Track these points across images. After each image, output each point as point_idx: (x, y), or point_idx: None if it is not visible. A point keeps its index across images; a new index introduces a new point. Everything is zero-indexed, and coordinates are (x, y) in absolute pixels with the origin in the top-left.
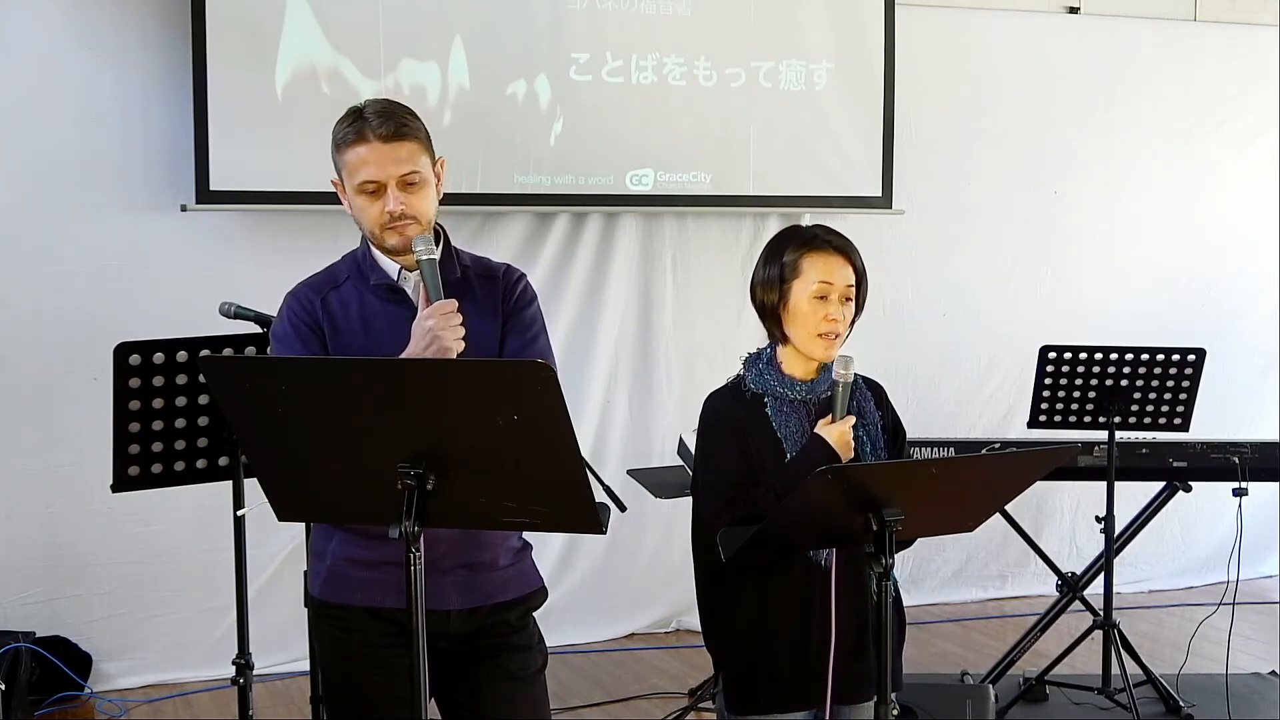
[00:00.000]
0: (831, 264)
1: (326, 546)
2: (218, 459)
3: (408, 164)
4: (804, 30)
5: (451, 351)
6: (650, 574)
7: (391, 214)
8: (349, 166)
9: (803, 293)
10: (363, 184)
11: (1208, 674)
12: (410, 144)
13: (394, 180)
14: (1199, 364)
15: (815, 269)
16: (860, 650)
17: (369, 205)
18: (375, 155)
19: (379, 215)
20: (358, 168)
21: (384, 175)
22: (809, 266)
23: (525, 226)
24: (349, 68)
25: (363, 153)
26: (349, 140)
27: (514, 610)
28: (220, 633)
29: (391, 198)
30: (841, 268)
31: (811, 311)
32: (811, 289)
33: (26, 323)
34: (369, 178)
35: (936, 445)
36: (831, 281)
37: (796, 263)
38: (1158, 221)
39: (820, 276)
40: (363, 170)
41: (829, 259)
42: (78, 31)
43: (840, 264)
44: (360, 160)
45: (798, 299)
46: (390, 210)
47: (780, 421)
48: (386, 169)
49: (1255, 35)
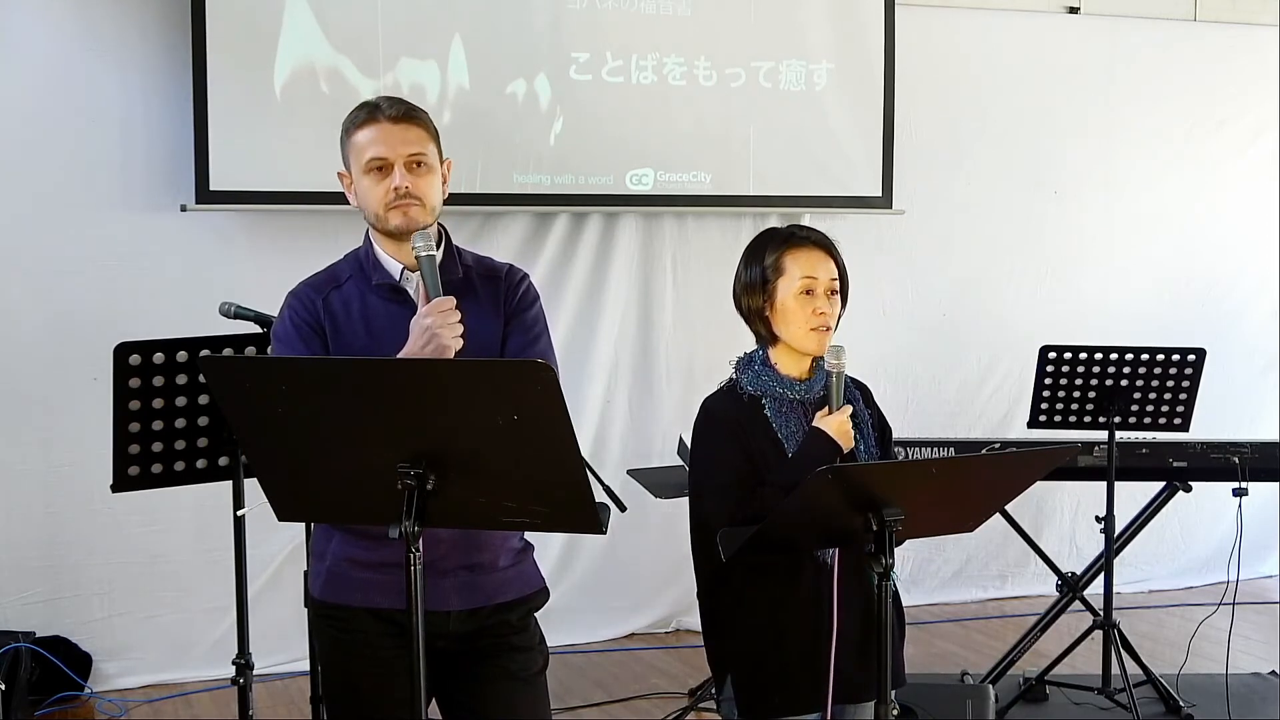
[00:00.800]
0: (814, 259)
1: (326, 547)
2: (218, 459)
3: (416, 145)
4: (804, 30)
5: (449, 349)
6: (650, 574)
7: (397, 190)
8: (357, 147)
9: (789, 289)
10: (371, 160)
11: (1208, 674)
12: (419, 129)
13: (401, 159)
14: (1199, 364)
15: (799, 265)
16: (866, 649)
17: (375, 185)
18: (384, 134)
19: (384, 194)
20: (366, 146)
21: (392, 153)
22: (792, 263)
23: (525, 226)
24: (348, 67)
25: (372, 132)
26: (359, 121)
27: (515, 611)
28: (220, 633)
29: (398, 174)
30: (824, 262)
31: (800, 307)
32: (797, 285)
33: (26, 323)
34: (377, 154)
35: (936, 445)
36: (816, 276)
37: (779, 261)
38: (1158, 221)
39: (804, 272)
40: (371, 148)
41: (811, 254)
42: (78, 31)
43: (822, 258)
44: (369, 139)
45: (784, 297)
46: (396, 186)
47: (780, 422)
48: (395, 147)
49: (1255, 35)
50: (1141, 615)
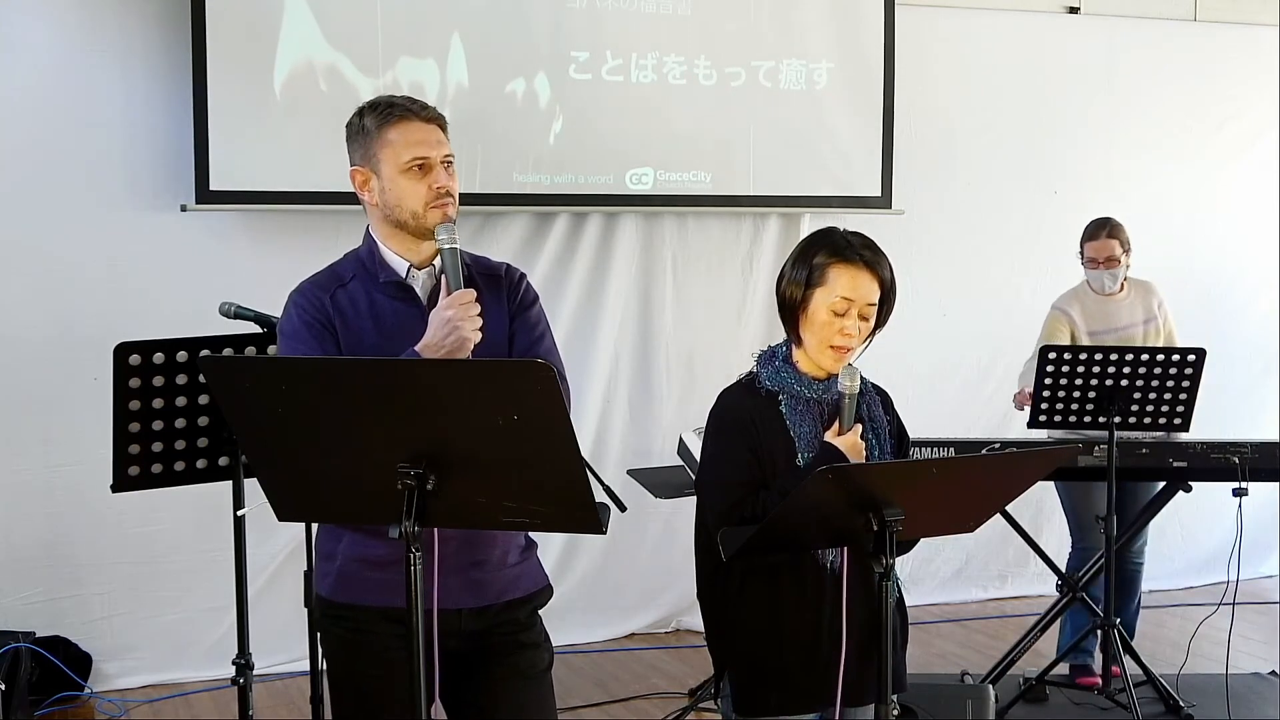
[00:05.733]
0: (858, 280)
1: (335, 547)
2: (218, 459)
3: (447, 146)
4: (804, 30)
5: (469, 342)
6: (650, 574)
7: (440, 190)
8: (393, 145)
9: (823, 302)
10: (412, 161)
11: (1208, 674)
12: (444, 129)
13: (439, 158)
14: (1199, 364)
15: (840, 283)
16: (869, 651)
17: (415, 183)
18: (424, 134)
19: (426, 192)
20: (406, 146)
21: (433, 152)
22: (835, 278)
23: (525, 226)
24: (347, 65)
25: (410, 130)
26: (393, 118)
27: (522, 608)
28: (220, 633)
29: (441, 174)
30: (867, 284)
31: (827, 324)
32: (832, 302)
33: (26, 323)
34: (421, 154)
35: (936, 445)
36: (853, 299)
37: (824, 271)
38: (1157, 221)
39: (843, 292)
40: (414, 147)
41: (856, 274)
42: (78, 32)
43: (867, 280)
44: (408, 138)
45: (817, 307)
46: (439, 186)
47: (794, 420)
48: (434, 147)
49: (1255, 35)
50: (1141, 615)
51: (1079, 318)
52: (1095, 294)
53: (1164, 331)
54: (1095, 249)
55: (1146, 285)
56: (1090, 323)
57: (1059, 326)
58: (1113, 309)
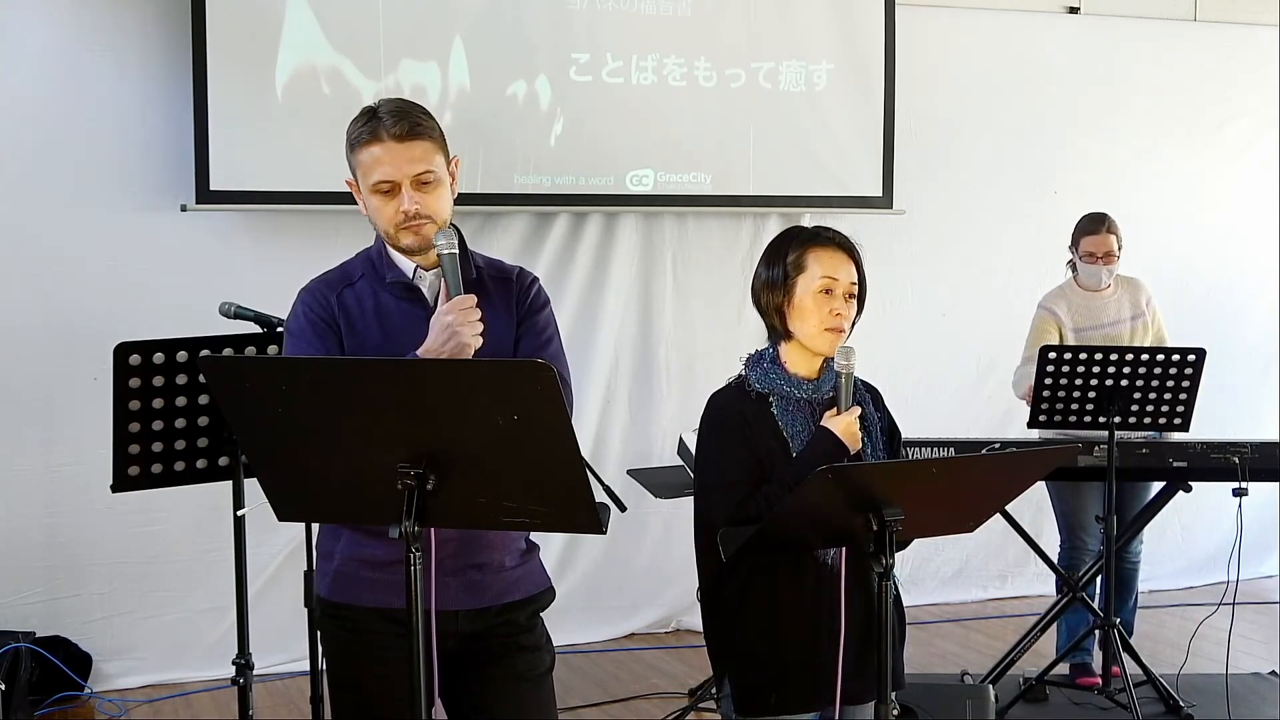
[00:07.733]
0: (836, 260)
1: (334, 547)
2: (218, 459)
3: (421, 163)
4: (804, 30)
5: (469, 347)
6: (650, 574)
7: (406, 214)
8: (363, 166)
9: (808, 287)
10: (377, 184)
11: (1208, 674)
12: (424, 143)
13: (408, 180)
14: (1199, 364)
15: (820, 264)
16: (868, 650)
17: (384, 205)
18: (390, 155)
19: (394, 215)
20: (372, 168)
21: (398, 175)
22: (814, 262)
23: (525, 226)
24: (349, 68)
25: (377, 152)
26: (363, 140)
27: (522, 610)
28: (220, 633)
29: (406, 197)
30: (845, 265)
31: (817, 307)
32: (816, 284)
33: (26, 323)
34: (383, 177)
35: (936, 445)
36: (836, 277)
37: (800, 259)
38: (1157, 221)
39: (825, 271)
40: (377, 170)
41: (833, 255)
42: (78, 32)
43: (844, 261)
44: (374, 160)
45: (803, 294)
46: (405, 210)
47: (786, 421)
48: (401, 168)
49: (1255, 35)
50: (1141, 615)
51: (1065, 315)
52: (1082, 290)
53: (1153, 328)
54: (1095, 244)
55: (1134, 282)
56: (1076, 319)
57: (1047, 326)
58: (1099, 305)
